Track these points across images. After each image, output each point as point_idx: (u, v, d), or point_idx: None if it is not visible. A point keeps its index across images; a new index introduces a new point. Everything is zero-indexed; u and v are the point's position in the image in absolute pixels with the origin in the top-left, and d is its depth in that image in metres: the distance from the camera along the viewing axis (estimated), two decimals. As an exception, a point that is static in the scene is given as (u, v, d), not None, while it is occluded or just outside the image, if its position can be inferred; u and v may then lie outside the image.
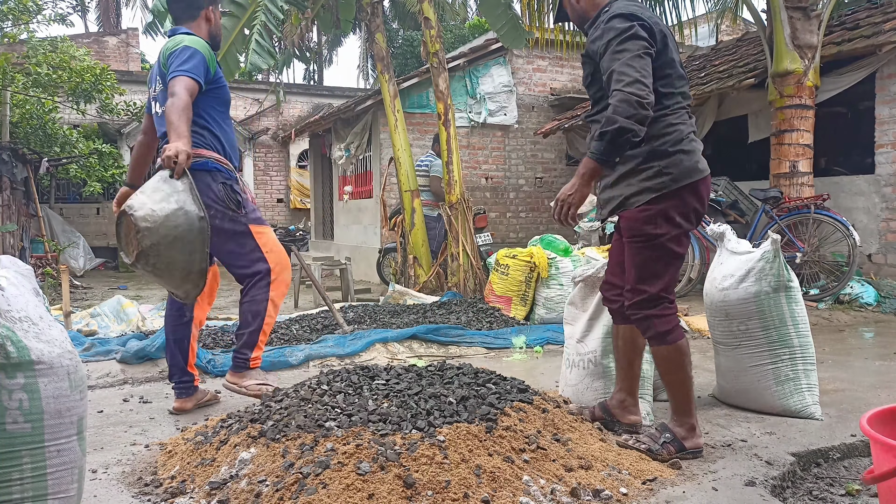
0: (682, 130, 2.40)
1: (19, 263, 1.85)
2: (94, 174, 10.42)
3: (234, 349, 3.14)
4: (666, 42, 2.39)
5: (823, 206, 5.99)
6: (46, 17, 9.94)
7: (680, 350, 2.41)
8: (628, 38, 2.26)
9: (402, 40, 22.48)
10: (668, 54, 2.38)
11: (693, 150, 2.40)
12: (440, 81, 6.91)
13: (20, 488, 1.55)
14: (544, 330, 5.00)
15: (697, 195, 2.40)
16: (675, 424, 2.45)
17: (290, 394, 2.52)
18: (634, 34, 2.27)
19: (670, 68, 2.40)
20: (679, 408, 2.46)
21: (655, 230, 2.37)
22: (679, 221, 2.38)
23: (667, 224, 2.37)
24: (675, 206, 2.37)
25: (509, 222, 10.78)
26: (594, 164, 2.29)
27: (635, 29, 2.27)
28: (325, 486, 1.89)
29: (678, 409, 2.46)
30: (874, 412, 1.78)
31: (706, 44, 11.75)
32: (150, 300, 7.92)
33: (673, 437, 2.41)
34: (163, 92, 2.97)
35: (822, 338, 4.68)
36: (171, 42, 2.98)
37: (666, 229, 2.37)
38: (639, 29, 2.28)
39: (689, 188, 2.37)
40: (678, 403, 2.46)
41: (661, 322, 2.40)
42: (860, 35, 6.36)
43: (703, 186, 2.43)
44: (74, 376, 1.68)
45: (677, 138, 2.38)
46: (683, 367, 2.43)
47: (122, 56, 18.15)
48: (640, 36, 2.27)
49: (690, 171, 2.37)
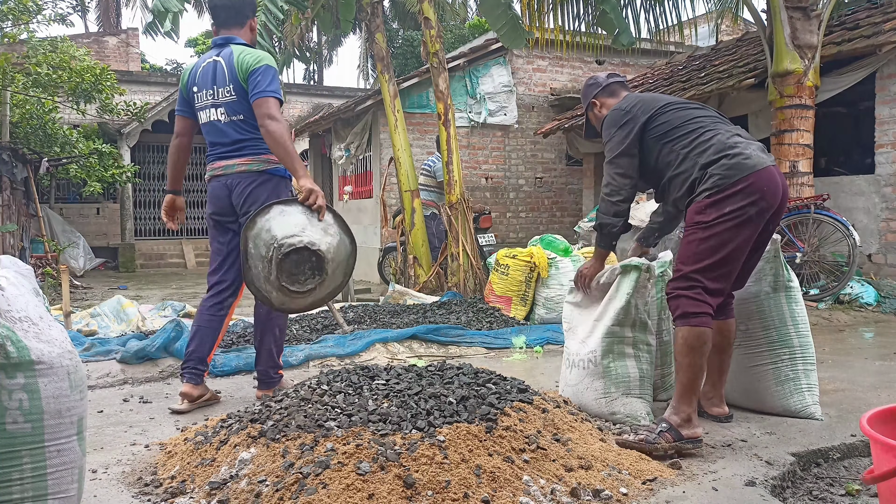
0: (720, 142, 2.57)
1: (19, 263, 1.85)
2: (94, 174, 10.43)
3: (263, 367, 3.32)
4: (650, 109, 2.74)
5: (823, 206, 5.99)
6: (46, 17, 9.94)
7: (700, 336, 2.48)
8: (612, 142, 2.78)
9: (402, 40, 22.49)
10: (656, 118, 2.72)
11: (737, 153, 2.52)
12: (440, 81, 6.91)
13: (20, 488, 1.55)
14: (544, 330, 5.00)
15: (752, 189, 2.47)
16: (673, 412, 2.49)
17: (290, 394, 2.52)
18: (616, 136, 2.77)
19: (663, 119, 2.71)
20: (682, 395, 2.50)
21: (702, 217, 2.51)
22: (729, 210, 2.46)
23: (715, 212, 2.48)
24: (728, 198, 2.47)
25: (509, 222, 10.79)
26: (600, 251, 2.93)
27: (615, 135, 2.78)
28: (325, 486, 1.89)
29: (680, 396, 2.50)
30: (874, 412, 1.78)
31: (706, 44, 11.76)
32: (150, 300, 7.92)
33: (669, 426, 2.45)
34: (234, 103, 3.09)
35: (822, 338, 4.68)
36: (248, 55, 3.09)
37: (713, 216, 2.48)
38: (618, 135, 2.76)
39: (742, 183, 2.47)
40: (682, 389, 2.51)
41: (689, 303, 2.50)
42: (860, 35, 6.36)
43: (760, 180, 2.48)
44: (74, 376, 1.68)
45: (718, 149, 2.55)
46: (698, 354, 2.49)
47: (122, 56, 18.17)
48: (621, 136, 2.75)
49: (739, 167, 2.49)
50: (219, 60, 3.14)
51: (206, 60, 3.20)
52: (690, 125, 2.67)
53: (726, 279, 2.57)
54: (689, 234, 2.56)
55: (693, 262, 2.52)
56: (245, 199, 3.12)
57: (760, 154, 2.55)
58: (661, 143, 2.70)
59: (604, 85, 3.03)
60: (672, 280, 2.60)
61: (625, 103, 2.83)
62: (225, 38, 3.20)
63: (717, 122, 2.70)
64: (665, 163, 2.69)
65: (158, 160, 15.41)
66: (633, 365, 2.81)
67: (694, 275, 2.51)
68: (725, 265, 2.53)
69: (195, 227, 15.71)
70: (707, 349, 2.52)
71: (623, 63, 11.51)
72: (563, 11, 7.31)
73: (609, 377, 2.83)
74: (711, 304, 2.51)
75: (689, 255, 2.54)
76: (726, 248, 2.49)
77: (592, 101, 3.04)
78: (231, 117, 3.11)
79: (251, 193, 3.11)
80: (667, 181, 2.71)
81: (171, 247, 15.10)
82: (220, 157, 3.18)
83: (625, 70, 11.52)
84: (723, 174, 2.49)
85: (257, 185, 3.12)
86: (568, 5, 7.30)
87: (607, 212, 2.79)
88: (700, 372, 2.52)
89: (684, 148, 2.63)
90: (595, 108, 3.04)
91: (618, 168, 2.75)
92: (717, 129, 2.64)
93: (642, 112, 2.74)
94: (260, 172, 3.13)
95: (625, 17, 7.15)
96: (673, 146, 2.67)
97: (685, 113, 2.73)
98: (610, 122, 2.82)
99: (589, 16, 7.35)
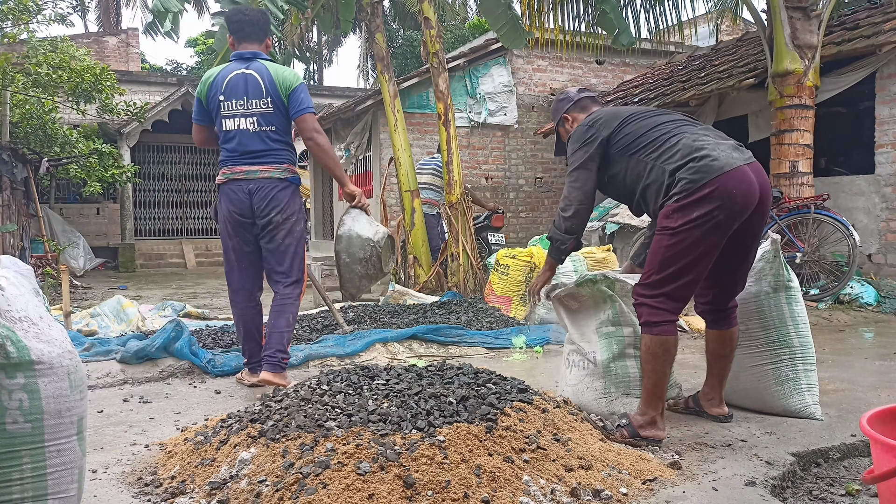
0: (686, 145, 2.52)
1: (19, 263, 1.85)
2: (94, 174, 10.43)
3: (272, 349, 3.43)
4: (612, 124, 2.72)
5: (823, 206, 5.99)
6: (46, 17, 9.94)
7: (662, 344, 2.50)
8: (573, 156, 2.77)
9: (402, 40, 22.49)
10: (618, 132, 2.70)
11: (704, 155, 2.46)
12: (440, 81, 6.92)
13: (20, 488, 1.55)
14: (544, 330, 4.99)
15: (719, 193, 2.40)
16: (638, 413, 2.58)
17: (290, 394, 2.52)
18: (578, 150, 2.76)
19: (626, 131, 2.68)
20: (646, 399, 2.56)
21: (669, 223, 2.47)
22: (696, 216, 2.40)
23: (681, 217, 2.43)
24: (695, 203, 2.41)
25: (509, 222, 10.78)
26: (550, 261, 2.95)
27: (577, 150, 2.76)
28: (325, 486, 1.89)
29: (645, 400, 2.57)
30: (874, 412, 1.78)
31: (706, 44, 11.76)
32: (150, 300, 7.92)
33: (628, 423, 2.56)
34: (269, 115, 3.40)
35: (822, 338, 4.68)
36: (286, 72, 3.42)
37: (680, 222, 2.43)
38: (579, 151, 2.74)
39: (709, 187, 2.40)
40: (647, 394, 2.56)
41: (651, 312, 2.51)
42: (860, 35, 6.36)
43: (729, 181, 2.41)
44: (74, 376, 1.68)
45: (684, 153, 2.50)
46: (660, 361, 2.52)
47: (122, 56, 18.17)
48: (583, 151, 2.74)
49: (706, 169, 2.43)
50: (250, 73, 3.39)
51: (234, 72, 3.41)
52: (654, 133, 2.63)
53: (691, 286, 2.54)
54: (656, 240, 2.54)
55: (658, 269, 2.50)
56: (267, 202, 3.39)
57: (731, 153, 2.48)
58: (628, 155, 2.66)
59: (575, 100, 3.00)
60: (638, 284, 2.60)
61: (589, 119, 2.81)
62: (253, 53, 3.44)
63: (682, 125, 2.65)
64: (634, 175, 2.64)
65: (158, 160, 15.41)
66: (634, 365, 2.82)
67: (658, 283, 2.50)
68: (690, 272, 2.49)
69: (195, 227, 15.72)
70: (671, 356, 2.55)
71: (623, 63, 11.51)
72: (563, 11, 7.32)
73: (609, 377, 2.83)
74: (674, 311, 2.52)
75: (654, 262, 2.52)
76: (691, 254, 2.45)
77: (564, 115, 3.01)
78: (261, 127, 3.40)
79: (273, 198, 3.40)
80: (640, 194, 2.66)
81: (171, 247, 15.10)
82: (243, 163, 3.41)
83: (625, 70, 11.53)
84: (689, 178, 2.44)
85: (279, 191, 3.41)
86: (568, 5, 7.30)
87: (559, 227, 2.79)
88: (664, 377, 2.54)
89: (650, 157, 2.59)
90: (567, 123, 3.01)
91: (574, 182, 2.73)
92: (682, 133, 2.58)
93: (605, 127, 2.72)
94: (281, 180, 3.42)
95: (625, 17, 7.15)
96: (640, 157, 2.62)
97: (648, 121, 2.69)
98: (574, 137, 2.80)
99: (589, 16, 7.36)
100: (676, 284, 2.49)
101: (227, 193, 3.43)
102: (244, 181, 3.39)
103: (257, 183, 3.38)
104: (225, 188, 3.44)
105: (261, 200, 3.38)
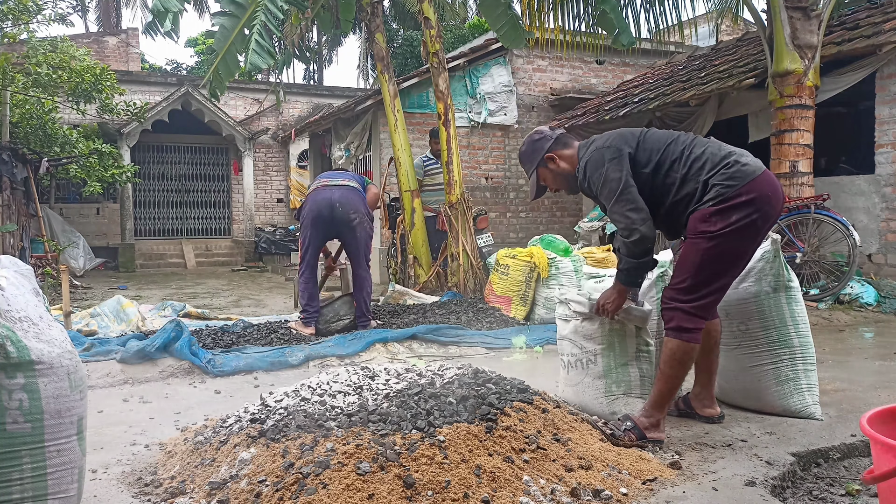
0: (712, 153, 2.52)
1: (19, 263, 1.85)
2: (94, 174, 10.42)
3: (361, 311, 5.08)
4: (632, 140, 2.63)
5: (823, 206, 5.99)
6: (46, 17, 9.93)
7: (689, 351, 2.51)
8: (608, 181, 2.57)
9: (402, 40, 22.47)
10: (639, 148, 2.61)
11: (734, 161, 2.48)
12: (440, 81, 6.91)
13: (20, 488, 1.55)
14: (544, 330, 4.99)
15: (757, 197, 2.43)
16: (643, 415, 2.56)
17: (290, 394, 2.52)
18: (610, 173, 2.58)
19: (645, 146, 2.61)
20: (656, 401, 2.56)
21: (707, 227, 2.45)
22: (736, 219, 2.42)
23: (721, 221, 2.43)
24: (734, 207, 2.43)
25: (509, 222, 10.78)
26: (622, 287, 2.68)
27: (608, 172, 2.58)
28: (325, 486, 1.89)
29: (654, 402, 2.56)
30: (874, 412, 1.78)
31: (706, 44, 11.75)
32: (150, 300, 7.92)
33: (634, 426, 2.54)
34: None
35: (822, 338, 4.68)
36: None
37: (719, 226, 2.43)
38: (612, 171, 2.56)
39: (746, 191, 2.43)
40: (657, 396, 2.56)
41: (685, 318, 2.49)
42: (860, 35, 6.36)
43: (763, 185, 2.45)
44: (74, 376, 1.68)
45: (713, 162, 2.50)
46: (684, 368, 2.53)
47: (122, 56, 18.15)
48: (616, 171, 2.56)
49: (741, 174, 2.45)
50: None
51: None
52: (675, 147, 2.58)
53: (723, 292, 2.57)
54: (690, 245, 2.50)
55: (694, 274, 2.48)
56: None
57: (755, 159, 2.54)
58: (651, 172, 2.58)
59: (555, 137, 2.83)
60: (670, 288, 2.55)
61: (601, 141, 2.68)
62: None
63: (693, 138, 2.64)
64: (661, 191, 2.57)
65: (158, 160, 15.40)
66: (635, 367, 2.82)
67: (693, 287, 2.48)
68: (725, 276, 2.52)
69: (195, 227, 15.71)
70: (691, 363, 2.56)
71: (623, 63, 11.51)
72: (563, 11, 7.31)
73: (609, 376, 2.83)
74: (706, 318, 2.53)
75: (689, 267, 2.49)
76: (729, 258, 2.48)
77: (549, 155, 2.80)
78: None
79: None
80: (668, 208, 2.59)
81: (170, 247, 15.09)
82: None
83: (625, 70, 11.53)
84: (725, 183, 2.44)
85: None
86: (568, 5, 7.29)
87: (631, 254, 2.56)
88: (679, 384, 2.57)
89: (679, 173, 2.53)
90: (554, 161, 2.81)
91: (626, 204, 2.52)
92: (700, 143, 2.58)
93: (625, 144, 2.62)
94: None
95: (625, 17, 7.14)
96: (669, 173, 2.55)
97: (661, 136, 2.64)
98: (596, 164, 2.63)
99: (589, 16, 7.35)
100: (711, 288, 2.50)
101: (315, 198, 5.03)
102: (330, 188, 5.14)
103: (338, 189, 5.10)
104: (314, 195, 5.05)
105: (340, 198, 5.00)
